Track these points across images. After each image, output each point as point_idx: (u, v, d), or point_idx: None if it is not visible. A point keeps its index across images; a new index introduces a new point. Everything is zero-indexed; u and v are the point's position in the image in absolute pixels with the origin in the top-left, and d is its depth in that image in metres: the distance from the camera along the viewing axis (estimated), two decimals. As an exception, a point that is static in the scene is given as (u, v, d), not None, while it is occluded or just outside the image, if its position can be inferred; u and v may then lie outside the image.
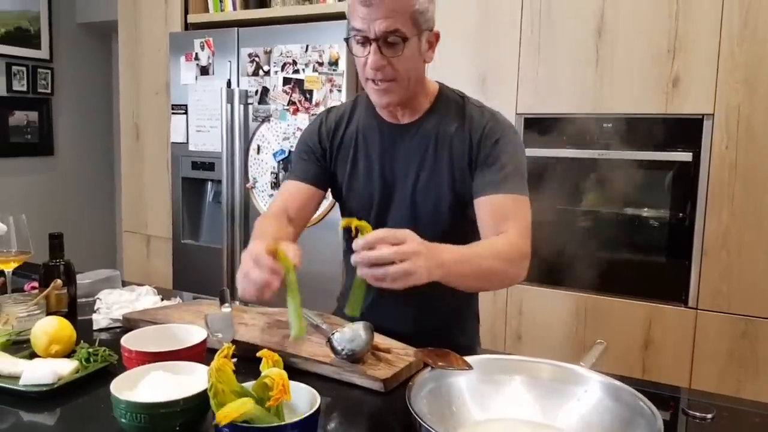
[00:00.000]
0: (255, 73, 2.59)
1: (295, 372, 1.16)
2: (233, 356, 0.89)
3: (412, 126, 1.30)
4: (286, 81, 2.50)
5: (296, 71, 2.48)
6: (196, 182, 2.88)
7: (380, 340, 1.22)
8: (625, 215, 2.10)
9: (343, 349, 1.15)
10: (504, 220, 1.19)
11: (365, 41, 1.16)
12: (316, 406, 0.84)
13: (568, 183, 2.19)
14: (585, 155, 2.11)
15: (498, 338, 2.30)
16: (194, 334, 1.19)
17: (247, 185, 2.66)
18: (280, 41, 2.50)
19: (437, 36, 1.24)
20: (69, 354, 1.22)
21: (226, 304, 1.40)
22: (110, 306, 1.52)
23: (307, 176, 1.36)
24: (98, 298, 1.56)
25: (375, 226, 1.12)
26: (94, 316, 1.46)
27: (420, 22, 1.17)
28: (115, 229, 4.30)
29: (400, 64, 1.17)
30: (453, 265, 1.04)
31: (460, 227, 1.28)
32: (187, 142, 2.82)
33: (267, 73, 2.55)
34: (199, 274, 2.81)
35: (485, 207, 1.22)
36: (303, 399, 0.90)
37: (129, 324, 1.42)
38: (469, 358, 1.02)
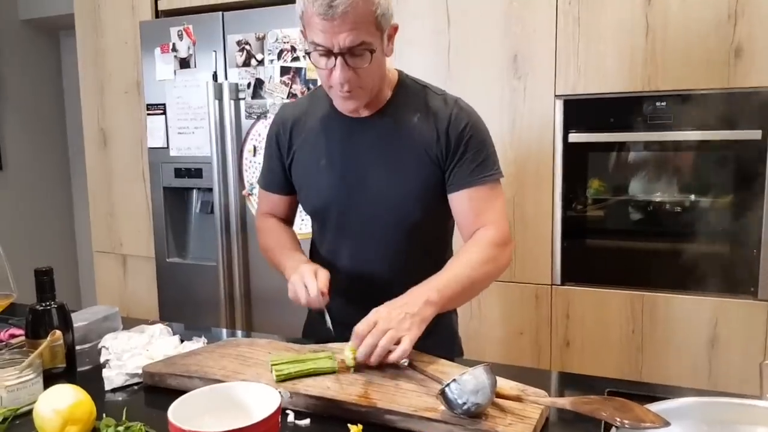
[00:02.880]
0: (246, 64, 2.27)
1: (391, 432, 0.90)
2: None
3: (372, 119, 1.25)
4: (284, 71, 2.20)
5: (296, 59, 2.18)
6: (179, 192, 2.54)
7: (503, 383, 0.96)
8: (684, 203, 1.91)
9: (464, 403, 0.88)
10: (481, 213, 1.22)
11: (328, 53, 1.10)
12: None
13: (616, 171, 1.98)
14: (635, 138, 1.90)
15: (543, 347, 2.08)
16: (259, 396, 0.91)
17: (243, 192, 2.34)
18: (275, 25, 2.19)
19: (395, 28, 1.19)
20: (90, 436, 0.90)
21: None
22: (120, 356, 1.20)
23: (273, 188, 1.39)
24: (103, 347, 1.24)
25: (339, 226, 1.30)
26: (105, 373, 1.14)
27: (383, 25, 1.12)
28: (76, 250, 3.87)
29: (367, 73, 1.14)
30: (440, 297, 1.10)
31: (430, 219, 1.27)
32: (168, 147, 2.47)
33: (260, 62, 2.24)
34: (190, 296, 2.47)
35: (461, 203, 1.23)
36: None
37: (152, 380, 1.11)
38: (653, 408, 0.77)
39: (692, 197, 1.89)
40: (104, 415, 0.92)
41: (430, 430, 0.91)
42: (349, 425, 0.66)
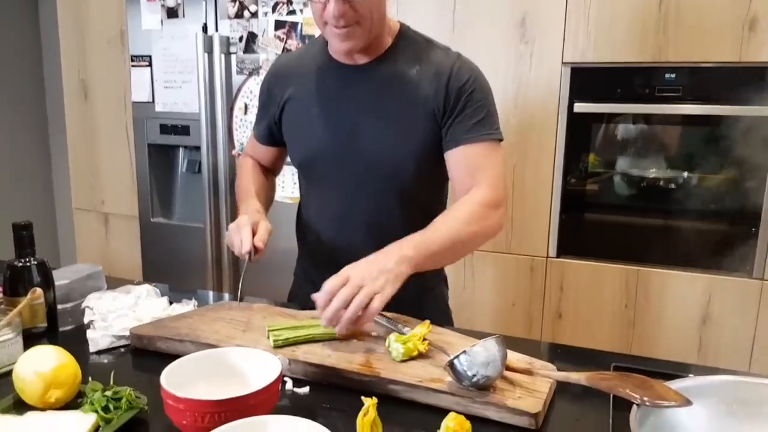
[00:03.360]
0: (238, 15, 2.16)
1: (397, 403, 0.86)
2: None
3: (369, 67, 1.18)
4: (279, 25, 2.09)
5: (291, 12, 2.07)
6: (165, 149, 2.44)
7: (511, 356, 0.92)
8: (685, 179, 1.87)
9: (474, 376, 0.84)
10: (476, 171, 1.15)
11: None
12: None
13: (619, 144, 1.94)
14: (642, 111, 1.85)
15: (535, 319, 2.06)
16: (257, 362, 0.86)
17: (233, 152, 2.25)
18: (271, -24, 2.08)
19: None
20: (74, 400, 0.85)
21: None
22: (105, 317, 1.14)
23: (265, 140, 1.35)
24: (87, 307, 1.17)
25: (327, 181, 1.24)
26: (90, 334, 1.08)
27: None
28: (54, 207, 3.74)
29: (363, 6, 1.07)
30: (417, 254, 1.03)
31: (425, 180, 1.22)
32: (153, 102, 2.36)
33: (254, 14, 2.13)
34: (175, 258, 2.40)
35: (457, 160, 1.17)
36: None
37: (140, 343, 1.06)
38: (673, 385, 0.73)
39: (693, 173, 1.86)
40: (90, 378, 0.87)
41: (436, 401, 0.87)
42: (362, 398, 0.62)
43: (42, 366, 0.81)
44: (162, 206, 2.46)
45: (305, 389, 0.92)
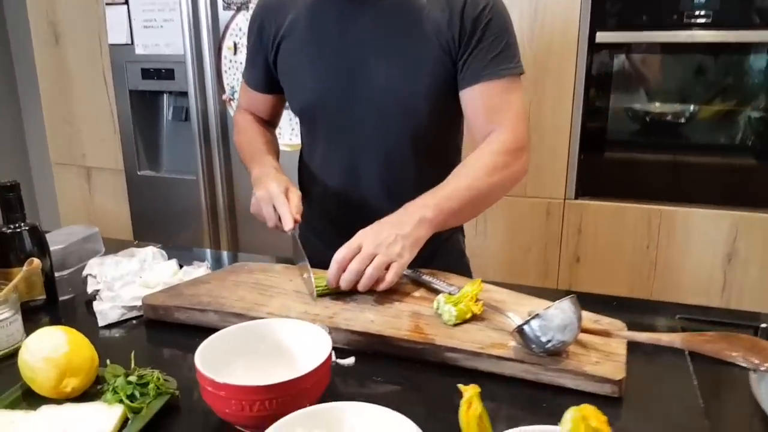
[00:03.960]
0: (223, -56, 1.94)
1: (453, 371, 0.77)
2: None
3: None
4: (270, -47, 1.89)
5: (283, -61, 1.87)
6: (148, 96, 2.25)
7: (588, 315, 0.83)
8: (710, 111, 1.77)
9: (548, 341, 0.75)
10: (495, 112, 1.04)
11: None
12: None
13: (644, 75, 1.81)
14: (669, 39, 1.72)
15: (551, 264, 1.98)
16: (300, 334, 0.76)
17: (223, 97, 2.08)
18: None
19: None
20: (93, 386, 0.74)
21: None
22: (111, 285, 1.02)
23: (258, 85, 1.22)
24: (90, 275, 1.05)
25: (331, 130, 1.13)
26: (97, 306, 0.97)
27: None
28: (29, 163, 3.53)
29: None
30: (438, 213, 0.94)
31: (439, 123, 1.11)
32: (133, 44, 2.15)
33: (241, -58, 1.92)
34: (167, 213, 2.25)
35: (474, 100, 1.05)
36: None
37: (155, 314, 0.95)
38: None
39: (721, 105, 1.75)
40: (108, 361, 0.76)
41: (500, 368, 0.78)
42: (459, 386, 0.52)
43: (53, 351, 0.69)
44: (148, 158, 2.30)
45: (350, 360, 0.82)
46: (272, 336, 0.75)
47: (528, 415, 0.72)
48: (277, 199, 1.00)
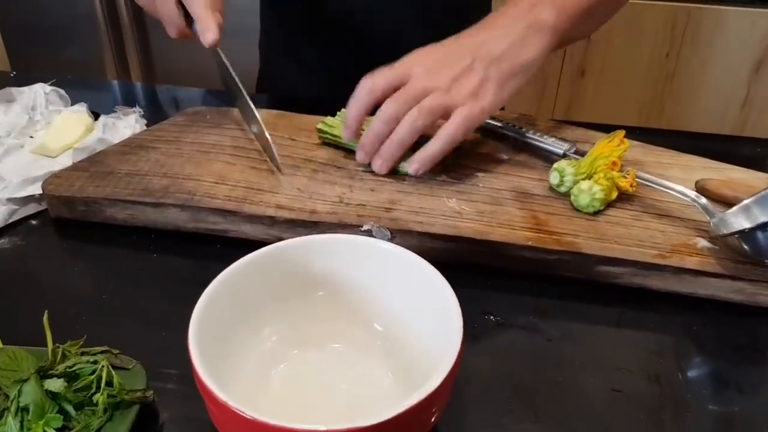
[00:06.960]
0: None
1: (596, 290, 0.47)
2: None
3: None
4: None
5: None
6: None
7: None
8: None
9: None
10: None
11: None
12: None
13: None
14: None
15: (550, 79, 1.65)
16: (374, 268, 0.40)
17: None
18: None
19: None
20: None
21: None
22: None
23: None
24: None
25: None
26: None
27: None
28: None
29: None
30: (558, 19, 0.54)
31: None
32: None
33: None
34: (47, 28, 1.65)
35: None
36: None
37: (71, 212, 0.56)
38: None
39: None
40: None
41: (692, 288, 0.48)
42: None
43: None
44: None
45: (386, 233, 0.49)
46: (322, 276, 0.40)
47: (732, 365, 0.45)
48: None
